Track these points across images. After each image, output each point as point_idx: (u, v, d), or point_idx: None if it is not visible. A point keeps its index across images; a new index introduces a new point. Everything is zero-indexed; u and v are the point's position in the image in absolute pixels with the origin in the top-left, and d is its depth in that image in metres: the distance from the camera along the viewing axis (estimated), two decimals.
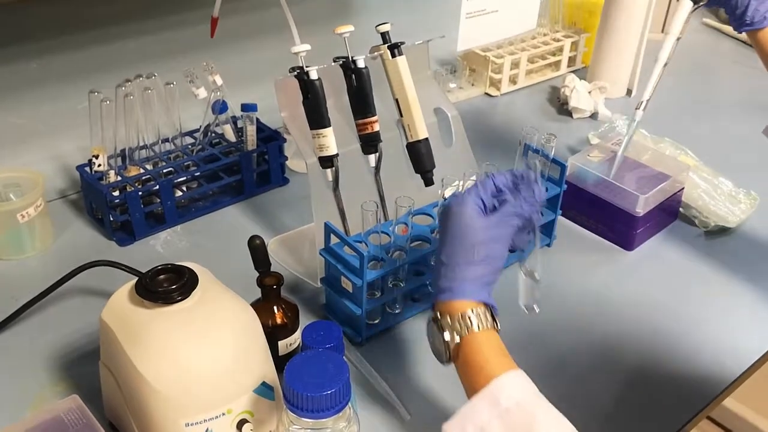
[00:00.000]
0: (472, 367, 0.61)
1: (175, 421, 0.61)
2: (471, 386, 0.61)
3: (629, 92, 1.43)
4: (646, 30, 1.36)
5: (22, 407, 0.74)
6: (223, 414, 0.63)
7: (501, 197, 0.67)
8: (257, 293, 0.78)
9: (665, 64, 0.96)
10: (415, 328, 0.86)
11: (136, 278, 0.67)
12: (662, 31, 1.68)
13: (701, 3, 0.92)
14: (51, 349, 0.81)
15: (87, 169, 0.98)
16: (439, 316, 0.64)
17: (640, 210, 0.97)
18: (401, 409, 0.75)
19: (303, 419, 0.56)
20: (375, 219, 0.82)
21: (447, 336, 0.62)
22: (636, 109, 0.98)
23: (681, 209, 1.06)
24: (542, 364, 0.60)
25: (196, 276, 0.66)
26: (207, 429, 0.62)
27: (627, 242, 1.00)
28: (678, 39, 0.95)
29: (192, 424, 0.62)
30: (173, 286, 0.64)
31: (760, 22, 0.87)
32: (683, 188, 1.04)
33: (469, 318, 0.62)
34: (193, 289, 0.65)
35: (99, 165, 0.97)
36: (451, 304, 0.63)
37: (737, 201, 1.06)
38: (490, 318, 0.64)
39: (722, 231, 1.04)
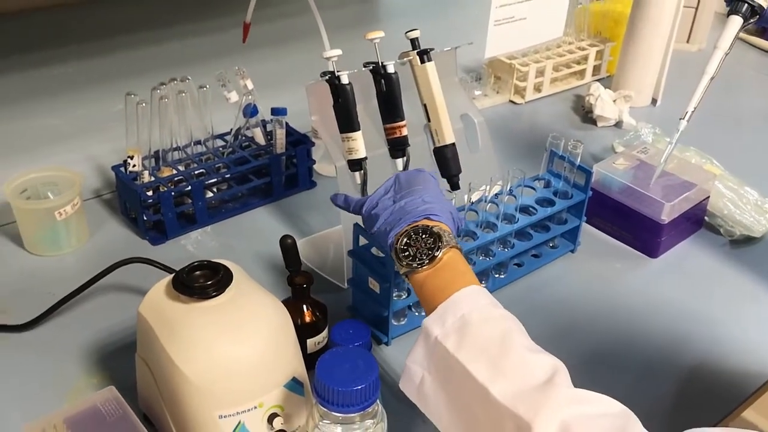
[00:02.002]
0: (455, 270, 0.66)
1: (210, 413, 0.63)
2: (449, 286, 0.64)
3: (654, 101, 1.44)
4: (671, 40, 1.37)
5: (59, 398, 0.76)
6: (255, 407, 0.64)
7: None
8: (285, 294, 0.80)
9: (712, 78, 0.96)
10: None
11: (171, 275, 0.69)
12: (687, 42, 1.69)
13: (752, 20, 0.92)
14: (87, 343, 0.83)
15: (122, 169, 1.01)
16: (433, 227, 0.68)
17: (665, 218, 0.98)
18: None
19: (332, 413, 0.58)
20: None
21: (444, 243, 0.67)
22: (680, 119, 0.98)
23: (706, 218, 1.07)
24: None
25: (231, 273, 0.68)
26: (240, 421, 0.64)
27: (651, 250, 1.01)
28: (726, 54, 0.95)
29: (225, 417, 0.63)
30: (209, 282, 0.66)
31: None
32: (708, 197, 1.05)
33: (454, 236, 0.69)
34: (228, 286, 0.67)
35: (134, 165, 0.99)
36: (441, 224, 0.69)
37: (763, 211, 1.06)
38: None
39: (748, 240, 1.04)
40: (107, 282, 0.88)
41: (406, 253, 0.67)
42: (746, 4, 0.92)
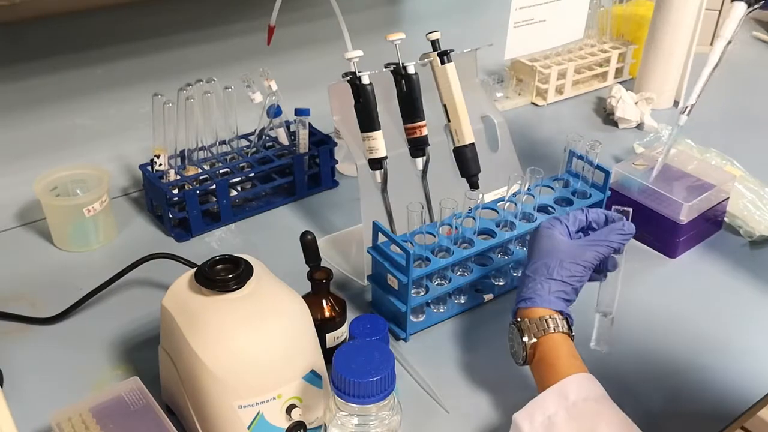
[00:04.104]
0: (546, 364, 0.68)
1: (230, 403, 0.65)
2: (543, 383, 0.67)
3: (676, 103, 1.44)
4: (693, 42, 1.36)
5: (85, 389, 0.78)
6: (274, 398, 0.66)
7: (590, 228, 0.79)
8: (306, 290, 0.81)
9: (715, 67, 0.93)
10: (458, 327, 0.88)
11: (194, 268, 0.71)
12: (710, 44, 1.68)
13: (756, 6, 0.90)
14: (112, 335, 0.85)
15: (149, 168, 1.03)
16: (519, 320, 0.71)
17: (684, 218, 0.98)
18: (442, 404, 0.77)
19: (349, 404, 0.59)
20: (420, 220, 0.84)
21: (525, 338, 0.69)
22: (680, 113, 0.97)
23: (726, 219, 1.06)
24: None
25: (251, 267, 0.70)
26: (259, 412, 0.66)
27: (670, 250, 1.01)
28: (729, 43, 0.92)
29: (245, 407, 0.65)
30: (230, 276, 0.68)
31: None
32: (728, 198, 1.04)
33: (546, 321, 0.70)
34: (248, 279, 0.68)
35: (160, 164, 1.02)
36: (531, 310, 0.71)
37: None
38: (565, 325, 0.71)
39: (767, 241, 1.04)
40: (133, 277, 0.90)
41: (512, 351, 0.72)
42: None
